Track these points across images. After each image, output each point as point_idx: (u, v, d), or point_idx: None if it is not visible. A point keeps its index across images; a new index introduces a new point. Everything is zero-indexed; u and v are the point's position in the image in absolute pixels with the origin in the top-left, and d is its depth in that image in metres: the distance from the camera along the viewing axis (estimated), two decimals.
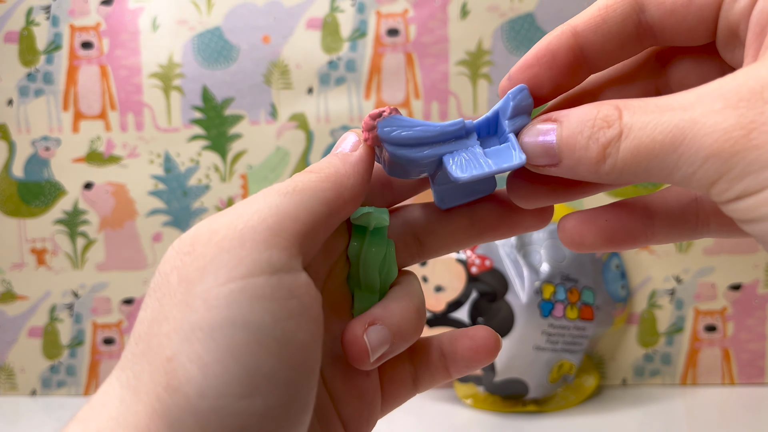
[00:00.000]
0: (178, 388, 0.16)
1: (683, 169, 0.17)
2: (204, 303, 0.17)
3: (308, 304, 0.19)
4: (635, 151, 0.18)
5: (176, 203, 0.64)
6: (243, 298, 0.17)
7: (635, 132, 0.18)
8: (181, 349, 0.17)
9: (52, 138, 0.64)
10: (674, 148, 0.17)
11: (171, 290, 0.18)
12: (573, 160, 0.20)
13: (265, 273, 0.18)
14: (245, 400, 0.17)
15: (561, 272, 0.57)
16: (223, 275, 0.17)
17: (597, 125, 0.19)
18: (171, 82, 0.63)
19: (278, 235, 0.18)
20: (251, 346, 0.17)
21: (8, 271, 0.65)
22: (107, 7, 0.63)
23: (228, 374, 0.17)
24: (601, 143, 0.19)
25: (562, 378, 0.59)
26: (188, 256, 0.18)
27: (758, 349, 0.63)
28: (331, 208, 0.20)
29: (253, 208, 0.19)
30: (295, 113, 0.63)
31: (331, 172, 0.21)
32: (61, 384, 0.66)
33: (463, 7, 0.62)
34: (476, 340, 0.25)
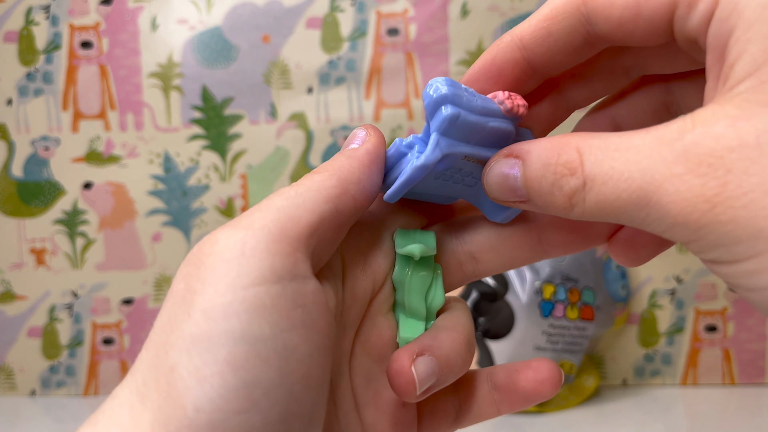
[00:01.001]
0: (176, 399, 0.16)
1: (653, 227, 0.17)
2: (203, 315, 0.17)
3: (315, 314, 0.18)
4: (601, 205, 0.17)
5: (176, 203, 0.64)
6: (242, 310, 0.17)
7: (598, 186, 0.17)
8: (181, 360, 0.16)
9: (51, 138, 0.64)
10: (639, 208, 0.17)
11: (179, 300, 0.17)
12: (541, 202, 0.19)
13: (266, 282, 0.17)
14: (243, 415, 0.16)
15: (561, 272, 0.57)
16: (222, 286, 0.17)
17: (559, 172, 0.18)
18: (170, 81, 0.63)
19: (281, 241, 0.18)
20: (250, 360, 0.16)
21: (8, 271, 0.65)
22: (107, 7, 0.63)
23: (225, 388, 0.16)
24: (565, 192, 0.18)
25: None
26: (194, 266, 0.18)
27: (758, 349, 0.63)
28: (336, 205, 0.19)
29: (256, 215, 0.18)
30: (295, 113, 0.63)
31: (336, 168, 0.20)
32: (61, 384, 0.66)
33: (463, 6, 0.62)
34: (541, 372, 0.23)
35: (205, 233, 0.64)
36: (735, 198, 0.15)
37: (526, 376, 0.23)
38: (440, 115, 0.19)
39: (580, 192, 0.18)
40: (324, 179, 0.20)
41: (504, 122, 0.20)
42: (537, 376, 0.23)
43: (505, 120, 0.21)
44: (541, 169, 0.19)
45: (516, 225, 0.24)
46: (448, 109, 0.19)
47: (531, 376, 0.23)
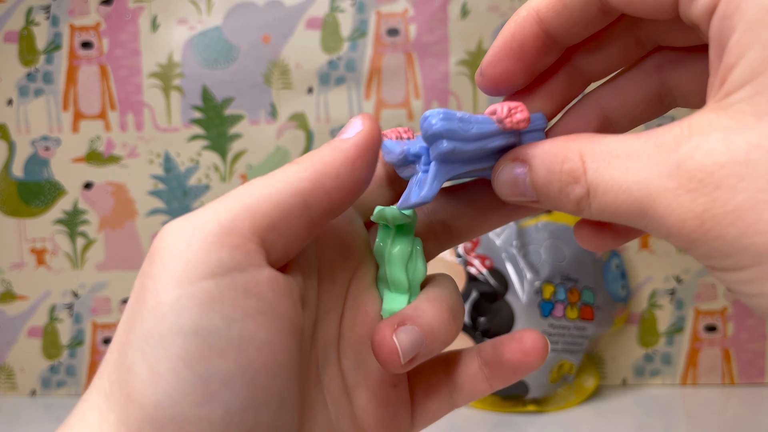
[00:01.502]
0: (135, 398, 0.16)
1: (654, 233, 0.18)
2: (152, 312, 0.16)
3: (273, 300, 0.18)
4: (606, 211, 0.18)
5: (176, 203, 0.64)
6: (192, 304, 0.16)
7: (600, 196, 0.18)
8: (136, 358, 0.16)
9: (51, 138, 0.64)
10: (640, 218, 0.17)
11: (135, 299, 0.17)
12: (552, 205, 0.20)
13: (214, 275, 0.17)
14: (203, 407, 0.16)
15: (561, 272, 0.57)
16: (169, 282, 0.16)
17: (564, 180, 0.19)
18: (171, 81, 0.63)
19: (231, 233, 0.17)
20: (204, 352, 0.16)
21: (8, 271, 0.65)
22: (107, 7, 0.63)
23: (181, 382, 0.16)
24: (572, 200, 0.19)
25: (562, 378, 0.59)
26: (147, 262, 0.17)
27: (758, 349, 0.63)
28: (306, 198, 0.19)
29: (212, 206, 0.18)
30: (295, 113, 0.63)
31: (315, 161, 0.19)
32: (61, 384, 0.66)
33: (463, 6, 0.62)
34: (525, 342, 0.23)
35: None
36: (722, 215, 0.15)
37: (511, 347, 0.23)
38: (437, 148, 0.20)
39: (585, 199, 0.18)
40: (298, 171, 0.19)
41: (505, 138, 0.21)
42: (522, 347, 0.23)
43: (507, 134, 0.21)
44: (547, 175, 0.19)
45: (483, 191, 0.24)
46: (444, 144, 0.20)
47: (516, 347, 0.23)
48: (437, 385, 0.24)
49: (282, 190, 0.18)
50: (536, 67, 0.22)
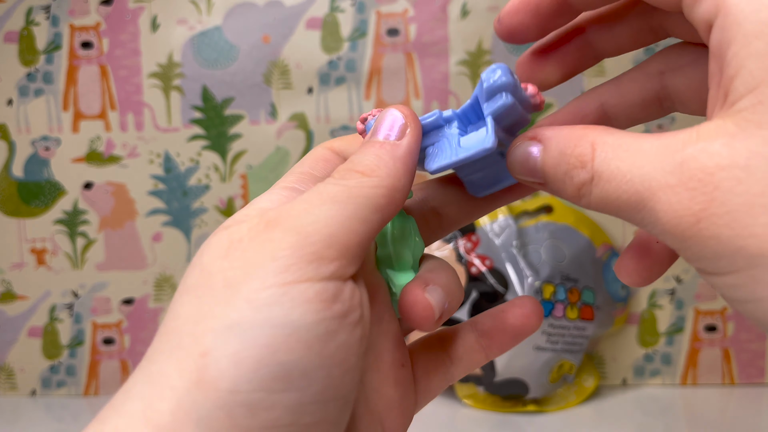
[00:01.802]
0: (210, 382, 0.16)
1: (648, 229, 0.18)
2: (246, 303, 0.17)
3: (353, 306, 0.19)
4: (605, 200, 0.18)
5: (176, 203, 0.64)
6: (286, 300, 0.17)
7: (603, 183, 0.18)
8: (217, 345, 0.17)
9: (51, 138, 0.64)
10: (637, 210, 0.18)
11: (214, 291, 0.18)
12: (555, 188, 0.20)
13: (311, 280, 0.18)
14: (279, 394, 0.17)
15: (561, 272, 0.57)
16: (269, 280, 0.17)
17: (571, 163, 0.19)
18: (171, 81, 0.63)
19: (330, 247, 0.18)
20: (290, 343, 0.17)
21: (8, 271, 0.65)
22: (107, 7, 0.63)
23: (263, 369, 0.17)
24: (575, 183, 0.19)
25: (562, 378, 0.59)
26: (238, 260, 0.18)
27: (758, 349, 0.63)
28: (383, 215, 0.20)
29: (308, 219, 0.18)
30: (295, 113, 0.63)
31: (384, 174, 0.20)
32: (61, 384, 0.66)
33: (464, 7, 0.62)
34: (525, 306, 0.25)
35: (205, 233, 0.64)
36: (718, 215, 0.16)
37: (514, 313, 0.25)
38: (498, 101, 0.20)
39: (587, 185, 0.19)
40: (374, 187, 0.20)
41: (526, 112, 0.22)
42: (523, 311, 0.25)
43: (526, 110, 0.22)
44: (558, 156, 0.20)
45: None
46: (508, 98, 0.20)
47: (518, 312, 0.25)
48: (436, 361, 0.25)
49: (366, 206, 0.19)
50: (549, 25, 0.23)
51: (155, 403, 0.17)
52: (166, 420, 0.16)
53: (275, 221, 0.19)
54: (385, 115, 0.22)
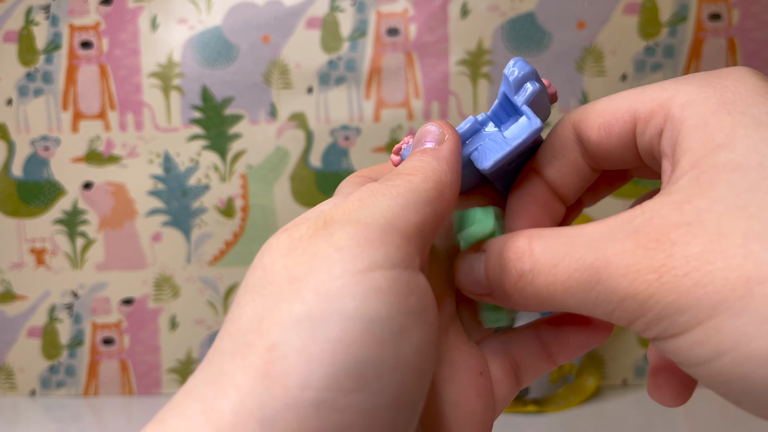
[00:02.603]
0: (278, 378, 0.15)
1: (602, 308, 0.17)
2: (315, 294, 0.16)
3: (426, 305, 0.18)
4: (551, 287, 0.18)
5: (176, 203, 0.64)
6: (358, 291, 0.16)
7: (548, 268, 0.18)
8: (285, 338, 0.16)
9: (51, 138, 0.64)
10: (591, 287, 0.17)
11: (279, 287, 0.17)
12: (497, 291, 0.20)
13: (382, 268, 0.17)
14: (352, 395, 0.16)
15: None
16: (338, 270, 0.16)
17: (511, 256, 0.19)
18: (170, 81, 0.63)
19: (393, 233, 0.17)
20: (365, 338, 0.16)
21: (7, 271, 0.65)
22: (107, 7, 0.63)
23: (336, 365, 0.15)
24: (512, 276, 0.19)
25: (562, 378, 0.59)
26: (301, 256, 0.17)
27: None
28: (435, 208, 0.19)
29: (364, 212, 0.18)
30: (295, 113, 0.63)
31: (429, 171, 0.20)
32: (61, 384, 0.66)
33: (464, 6, 0.62)
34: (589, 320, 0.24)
35: (205, 233, 0.64)
36: (678, 267, 0.16)
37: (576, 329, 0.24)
38: (528, 90, 0.21)
39: (527, 275, 0.19)
40: (421, 182, 0.19)
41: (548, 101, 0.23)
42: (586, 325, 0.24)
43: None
44: (496, 257, 0.20)
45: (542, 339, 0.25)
46: (535, 85, 0.21)
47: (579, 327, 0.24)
48: (504, 368, 0.24)
49: (418, 199, 0.19)
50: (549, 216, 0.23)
51: (217, 403, 0.16)
52: (228, 420, 0.15)
53: (332, 218, 0.18)
54: (421, 131, 0.22)
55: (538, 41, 0.61)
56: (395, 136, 0.63)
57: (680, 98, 0.19)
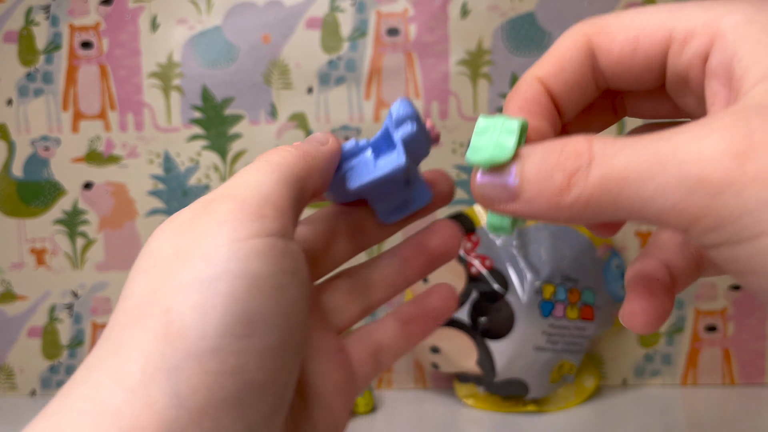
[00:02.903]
0: (178, 333, 0.17)
1: (660, 202, 0.15)
2: (202, 260, 0.18)
3: (300, 266, 0.20)
4: (606, 179, 0.16)
5: (176, 203, 0.64)
6: (242, 254, 0.18)
7: (607, 159, 0.16)
8: (180, 300, 0.18)
9: (51, 138, 0.64)
10: (651, 176, 0.15)
11: (166, 263, 0.19)
12: (533, 193, 0.18)
13: (260, 236, 0.19)
14: (245, 339, 0.18)
15: (561, 272, 0.57)
16: (221, 240, 0.19)
17: (564, 155, 0.17)
18: (170, 81, 0.63)
19: (268, 207, 0.20)
20: (251, 292, 0.18)
21: (7, 271, 0.65)
22: (107, 7, 0.63)
23: (228, 316, 0.18)
24: (567, 171, 0.17)
25: (562, 378, 0.59)
26: (185, 234, 0.19)
27: (759, 349, 0.63)
28: (302, 184, 0.22)
29: (241, 188, 0.20)
30: (295, 113, 0.63)
31: (306, 151, 0.22)
32: (61, 384, 0.66)
33: (464, 6, 0.62)
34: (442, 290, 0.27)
35: None
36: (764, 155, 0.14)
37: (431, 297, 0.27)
38: (406, 128, 0.23)
39: (584, 169, 0.17)
40: (295, 157, 0.22)
41: (426, 143, 0.25)
42: (439, 295, 0.27)
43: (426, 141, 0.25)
44: (543, 156, 0.18)
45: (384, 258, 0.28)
46: (413, 126, 0.23)
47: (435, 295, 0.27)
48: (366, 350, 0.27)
49: (286, 174, 0.21)
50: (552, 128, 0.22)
51: (123, 367, 0.17)
52: (137, 378, 0.17)
53: (212, 198, 0.20)
54: (313, 135, 0.25)
55: (538, 41, 0.61)
56: None
57: (732, 18, 0.17)
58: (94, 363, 0.18)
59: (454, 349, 0.57)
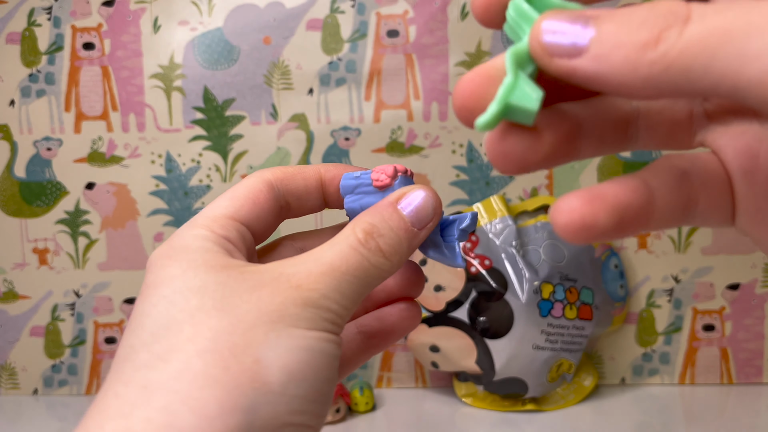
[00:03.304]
0: (263, 384, 0.19)
1: (756, 66, 0.13)
2: (288, 332, 0.20)
3: (337, 360, 0.22)
4: (705, 34, 0.14)
5: (177, 203, 0.64)
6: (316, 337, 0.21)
7: (710, 16, 0.14)
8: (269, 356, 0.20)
9: (53, 138, 0.64)
10: (762, 32, 0.13)
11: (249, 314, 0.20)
12: (608, 46, 0.15)
13: (327, 331, 0.21)
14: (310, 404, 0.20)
15: (560, 272, 0.57)
16: (303, 323, 0.20)
17: (656, 12, 0.15)
18: (172, 82, 0.64)
19: (340, 316, 0.21)
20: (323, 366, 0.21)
21: (10, 270, 0.65)
22: (109, 8, 0.64)
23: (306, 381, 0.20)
24: (658, 26, 0.14)
25: (561, 377, 0.59)
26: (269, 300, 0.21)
27: (756, 349, 0.63)
28: (370, 290, 0.22)
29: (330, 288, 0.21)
30: (296, 114, 0.64)
31: (395, 263, 0.22)
32: (63, 383, 0.66)
33: (463, 8, 0.62)
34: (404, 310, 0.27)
35: None
36: None
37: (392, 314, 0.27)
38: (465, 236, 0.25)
39: (678, 25, 0.14)
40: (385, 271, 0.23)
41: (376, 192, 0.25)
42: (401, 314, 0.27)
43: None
44: (625, 15, 0.15)
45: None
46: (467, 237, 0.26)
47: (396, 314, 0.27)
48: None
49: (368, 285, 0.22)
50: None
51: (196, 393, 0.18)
52: (213, 408, 0.18)
53: (297, 279, 0.21)
54: (418, 198, 0.23)
55: None
56: (395, 137, 0.63)
57: None
58: (149, 383, 0.19)
59: (454, 349, 0.57)
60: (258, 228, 0.25)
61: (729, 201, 0.19)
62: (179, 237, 0.23)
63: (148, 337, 0.20)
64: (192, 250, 0.22)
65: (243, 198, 0.25)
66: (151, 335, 0.20)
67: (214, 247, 0.22)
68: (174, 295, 0.21)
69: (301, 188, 0.26)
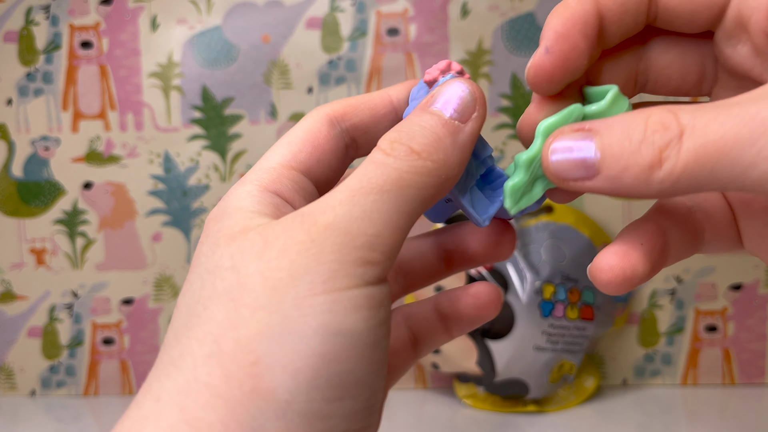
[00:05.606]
0: (266, 393, 0.16)
1: (762, 167, 0.14)
2: (296, 309, 0.17)
3: (390, 313, 0.19)
4: (701, 150, 0.15)
5: (176, 203, 0.64)
6: (338, 308, 0.17)
7: (699, 130, 0.15)
8: (269, 353, 0.16)
9: (51, 138, 0.64)
10: (752, 141, 0.14)
11: (253, 294, 0.17)
12: (617, 169, 0.17)
13: (359, 287, 0.17)
14: (335, 403, 0.17)
15: (561, 272, 0.57)
16: (318, 286, 0.17)
17: (651, 128, 0.16)
18: (170, 81, 0.63)
19: (375, 250, 0.17)
20: (346, 352, 0.17)
21: (7, 271, 0.65)
22: (107, 7, 0.63)
23: (320, 379, 0.16)
24: (657, 146, 0.16)
25: (562, 378, 0.59)
26: (276, 260, 0.17)
27: (759, 349, 0.63)
28: (426, 206, 0.18)
29: (352, 214, 0.17)
30: (295, 113, 0.63)
31: (440, 162, 0.18)
32: (61, 384, 0.66)
33: (464, 6, 0.62)
34: (480, 297, 0.24)
35: None
36: None
37: (467, 302, 0.24)
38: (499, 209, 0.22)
39: (675, 143, 0.16)
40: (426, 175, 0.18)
41: None
42: (476, 302, 0.24)
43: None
44: (625, 130, 0.17)
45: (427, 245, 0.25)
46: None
47: (471, 302, 0.24)
48: (402, 339, 0.25)
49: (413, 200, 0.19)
50: (593, 52, 0.20)
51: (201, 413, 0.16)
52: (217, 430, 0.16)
53: (314, 221, 0.17)
54: (451, 89, 0.19)
55: (538, 41, 0.61)
56: None
57: None
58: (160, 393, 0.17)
59: (454, 349, 0.57)
60: (321, 174, 0.21)
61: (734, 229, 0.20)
62: (228, 196, 0.20)
63: (171, 338, 0.18)
64: (231, 212, 0.19)
65: (301, 142, 0.21)
66: (174, 335, 0.18)
67: (258, 207, 0.19)
68: (196, 282, 0.19)
69: (368, 121, 0.22)
